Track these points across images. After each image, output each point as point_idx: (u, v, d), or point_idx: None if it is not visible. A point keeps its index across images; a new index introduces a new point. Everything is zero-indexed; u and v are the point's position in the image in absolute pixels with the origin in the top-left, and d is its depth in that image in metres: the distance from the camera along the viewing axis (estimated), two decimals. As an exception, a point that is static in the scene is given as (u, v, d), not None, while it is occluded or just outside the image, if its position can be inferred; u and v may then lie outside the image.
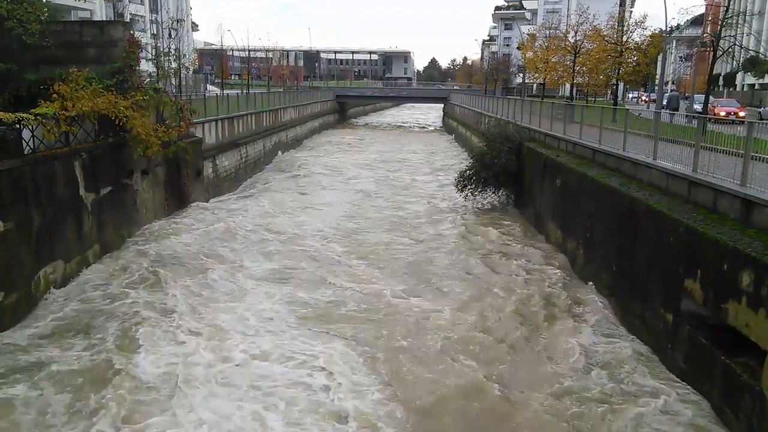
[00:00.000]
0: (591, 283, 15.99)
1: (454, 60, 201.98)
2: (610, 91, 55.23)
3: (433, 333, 13.30)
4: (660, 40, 42.49)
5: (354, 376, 11.25)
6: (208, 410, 9.97)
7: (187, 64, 49.55)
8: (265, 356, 11.94)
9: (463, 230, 22.63)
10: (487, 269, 17.81)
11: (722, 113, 31.49)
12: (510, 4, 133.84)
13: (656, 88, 44.19)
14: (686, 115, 18.16)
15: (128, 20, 48.75)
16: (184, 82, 40.27)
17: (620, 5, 73.86)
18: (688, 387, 10.62)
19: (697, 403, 10.14)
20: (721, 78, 78.66)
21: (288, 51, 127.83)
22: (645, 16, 55.13)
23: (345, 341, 12.78)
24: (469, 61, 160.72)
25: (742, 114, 31.56)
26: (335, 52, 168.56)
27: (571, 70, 48.94)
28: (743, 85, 77.79)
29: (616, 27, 48.04)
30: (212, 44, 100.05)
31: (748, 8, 66.44)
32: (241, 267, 17.38)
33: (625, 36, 43.43)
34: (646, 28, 44.56)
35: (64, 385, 10.54)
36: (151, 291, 14.86)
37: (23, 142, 14.05)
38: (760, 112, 37.23)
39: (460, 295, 15.91)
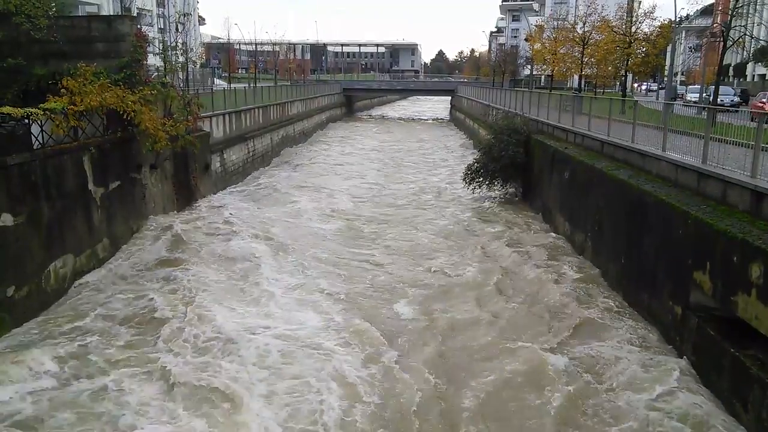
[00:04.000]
0: (599, 275, 15.96)
1: (462, 52, 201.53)
2: (618, 83, 54.86)
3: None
4: (669, 30, 42.16)
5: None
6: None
7: (194, 58, 49.44)
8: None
9: (469, 224, 22.63)
10: (494, 260, 17.80)
11: None
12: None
13: (665, 79, 43.82)
14: (697, 106, 18.02)
15: (135, 15, 48.75)
16: (191, 76, 40.26)
17: (629, -5, 73.24)
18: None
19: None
20: (731, 68, 77.91)
21: (295, 44, 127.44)
22: (654, 7, 54.94)
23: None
24: (476, 53, 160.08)
25: None
26: (342, 45, 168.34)
27: (580, 62, 48.66)
28: (753, 75, 77.04)
29: (624, 18, 47.65)
30: (219, 38, 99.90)
31: (758, -2, 65.67)
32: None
33: (633, 27, 43.10)
34: (655, 19, 44.28)
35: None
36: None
37: (32, 136, 14.11)
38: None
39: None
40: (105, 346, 11.93)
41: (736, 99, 36.73)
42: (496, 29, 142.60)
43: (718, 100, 31.78)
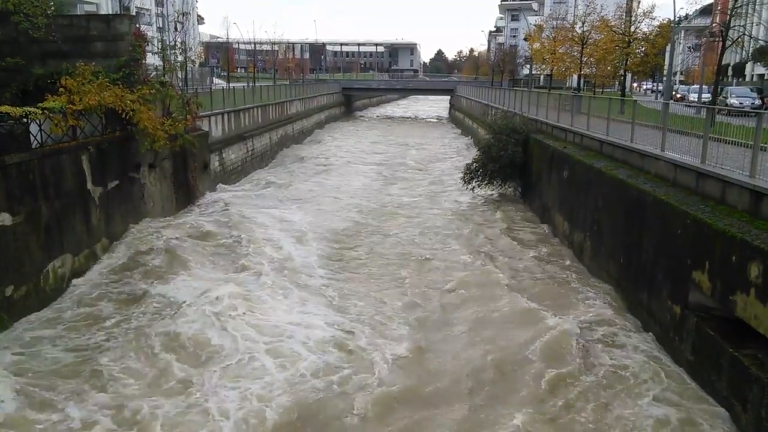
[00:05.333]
0: (598, 275, 15.96)
1: (461, 51, 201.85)
2: (618, 82, 54.83)
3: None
4: (668, 30, 42.18)
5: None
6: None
7: (193, 58, 49.49)
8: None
9: (468, 223, 22.62)
10: (493, 261, 17.80)
11: None
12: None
13: (664, 78, 43.83)
14: (696, 107, 18.03)
15: (134, 14, 48.76)
16: (190, 76, 40.23)
17: (628, -5, 73.15)
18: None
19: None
20: (730, 68, 77.90)
21: (294, 43, 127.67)
22: (653, 6, 54.90)
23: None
24: (475, 53, 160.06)
25: None
26: (341, 45, 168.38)
27: (579, 61, 48.64)
28: (752, 75, 77.05)
29: (623, 17, 47.63)
30: (218, 37, 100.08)
31: (757, -3, 65.61)
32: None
33: (633, 26, 43.08)
34: (654, 18, 44.24)
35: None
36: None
37: (31, 136, 14.09)
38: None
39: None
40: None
41: (758, 101, 32.06)
42: (495, 29, 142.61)
43: (736, 102, 30.79)
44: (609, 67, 47.65)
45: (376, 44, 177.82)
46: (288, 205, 25.07)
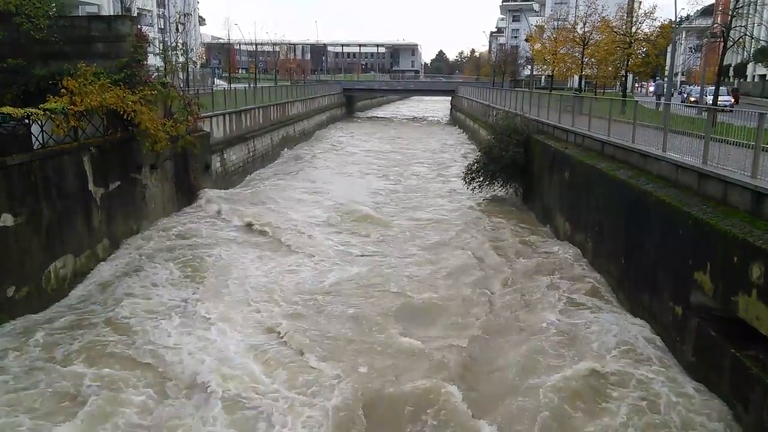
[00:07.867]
0: (600, 276, 15.95)
1: (462, 52, 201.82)
2: (619, 83, 54.76)
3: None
4: (669, 30, 42.11)
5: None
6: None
7: (194, 59, 49.58)
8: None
9: (469, 224, 22.61)
10: (496, 261, 17.79)
11: None
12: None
13: (665, 79, 43.77)
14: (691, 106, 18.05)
15: (136, 15, 48.77)
16: (191, 77, 40.32)
17: (629, -4, 73.02)
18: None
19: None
20: (731, 69, 77.86)
21: (295, 44, 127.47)
22: (654, 7, 54.73)
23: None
24: (477, 54, 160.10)
25: None
26: (342, 46, 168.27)
27: (580, 62, 48.61)
28: (754, 75, 77.01)
29: (625, 18, 47.61)
30: (219, 38, 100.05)
31: (758, -2, 65.50)
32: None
33: (634, 27, 43.02)
34: (655, 19, 44.15)
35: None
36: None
37: (32, 137, 14.12)
38: None
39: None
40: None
41: None
42: (496, 29, 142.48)
43: None
44: (610, 68, 47.59)
45: (378, 45, 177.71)
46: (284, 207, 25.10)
